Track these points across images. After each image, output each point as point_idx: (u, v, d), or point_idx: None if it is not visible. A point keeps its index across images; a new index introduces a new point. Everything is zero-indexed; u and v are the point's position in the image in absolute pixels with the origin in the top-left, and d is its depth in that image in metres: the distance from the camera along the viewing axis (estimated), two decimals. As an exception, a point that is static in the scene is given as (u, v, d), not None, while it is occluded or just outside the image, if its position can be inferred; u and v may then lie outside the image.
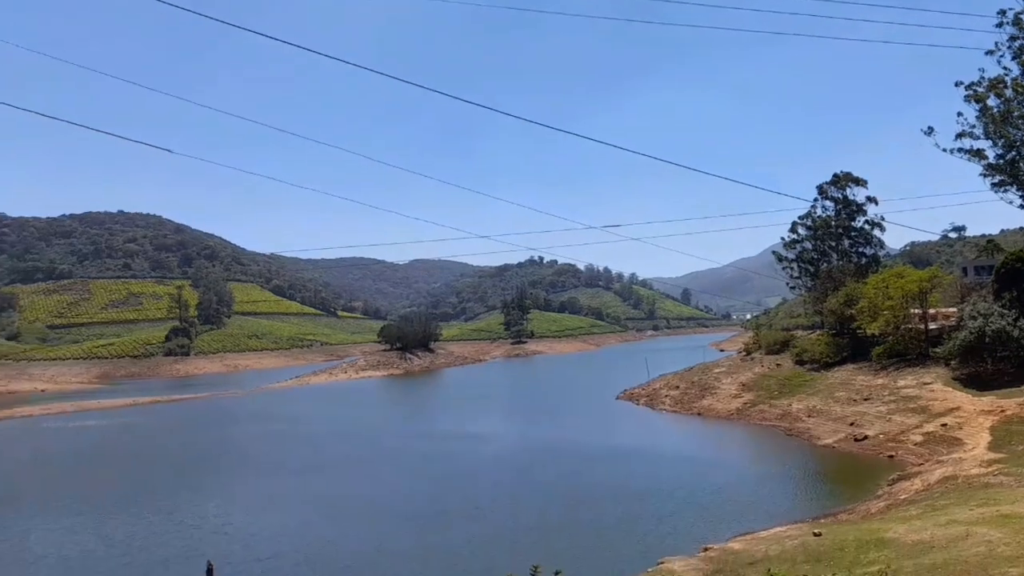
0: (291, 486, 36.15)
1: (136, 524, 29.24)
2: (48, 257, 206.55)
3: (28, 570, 24.29)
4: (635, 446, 42.36)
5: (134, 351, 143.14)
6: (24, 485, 38.63)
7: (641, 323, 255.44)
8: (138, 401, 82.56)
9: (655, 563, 20.17)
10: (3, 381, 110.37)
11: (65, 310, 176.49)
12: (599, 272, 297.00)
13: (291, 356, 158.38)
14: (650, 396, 61.87)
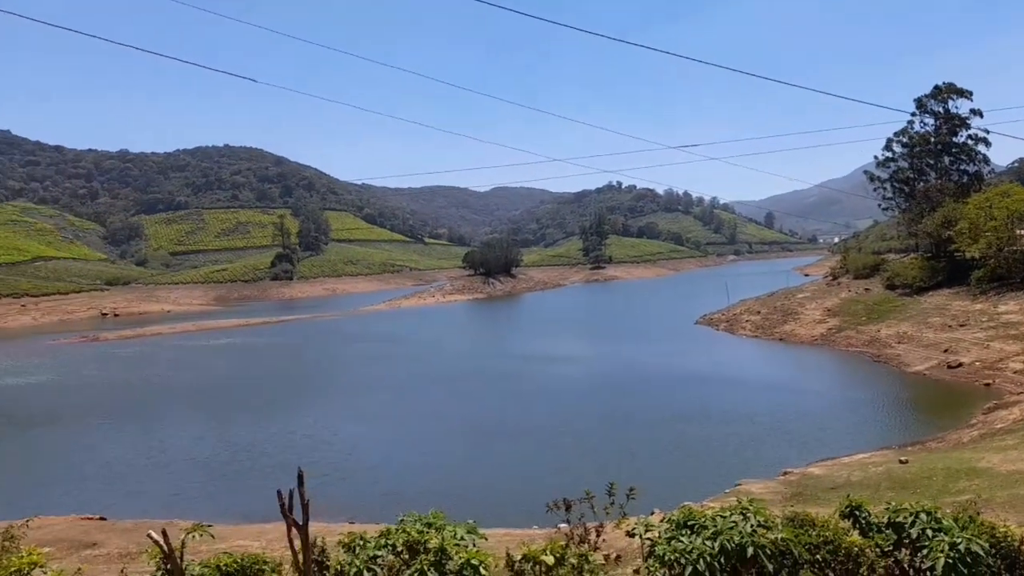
0: (390, 402, 37.30)
1: (255, 433, 30.90)
2: (167, 189, 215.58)
3: (164, 470, 26.09)
4: (714, 371, 41.81)
5: (244, 276, 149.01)
6: (157, 397, 41.15)
7: (722, 248, 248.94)
8: (250, 322, 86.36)
9: (733, 484, 20.03)
10: (136, 303, 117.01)
11: (184, 238, 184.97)
12: (678, 196, 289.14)
13: (383, 281, 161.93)
14: (730, 321, 60.75)
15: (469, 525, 7.95)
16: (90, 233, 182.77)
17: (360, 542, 7.84)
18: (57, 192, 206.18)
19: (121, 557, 16.20)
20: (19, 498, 22.63)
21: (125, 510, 21.41)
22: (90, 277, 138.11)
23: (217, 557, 8.48)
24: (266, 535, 17.41)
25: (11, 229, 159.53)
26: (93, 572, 13.44)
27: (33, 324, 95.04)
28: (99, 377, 48.68)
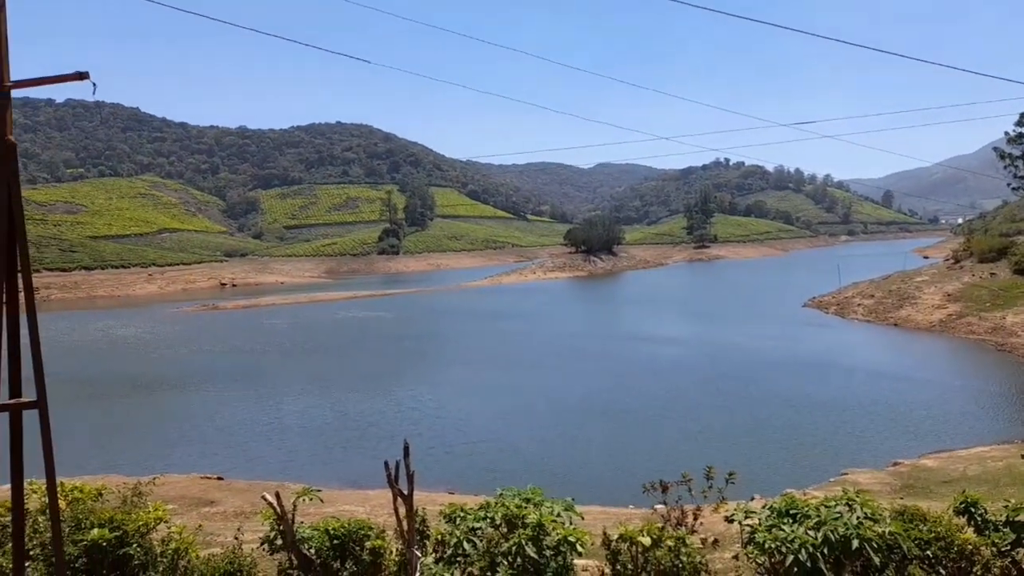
0: (494, 378, 37.81)
1: (365, 403, 32.11)
2: (282, 165, 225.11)
3: (277, 435, 27.52)
4: (822, 355, 40.26)
5: (353, 250, 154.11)
6: (272, 365, 43.30)
7: (834, 227, 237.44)
8: (357, 294, 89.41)
9: (838, 474, 19.34)
10: (251, 274, 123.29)
11: (297, 212, 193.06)
12: (789, 174, 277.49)
13: (485, 256, 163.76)
14: (841, 304, 58.19)
15: (566, 502, 8.05)
16: (211, 206, 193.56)
17: (460, 514, 8.08)
18: (182, 167, 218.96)
19: (236, 516, 17.06)
20: (146, 457, 24.40)
21: (241, 471, 22.70)
22: (210, 249, 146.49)
23: (325, 520, 8.94)
24: (370, 501, 18.05)
25: (140, 202, 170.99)
26: (211, 529, 14.32)
27: (159, 292, 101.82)
28: (218, 344, 51.71)
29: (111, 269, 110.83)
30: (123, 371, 41.34)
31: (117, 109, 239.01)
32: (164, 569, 8.28)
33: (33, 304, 5.70)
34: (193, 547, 8.76)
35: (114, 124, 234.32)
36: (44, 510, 7.98)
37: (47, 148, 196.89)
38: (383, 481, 21.44)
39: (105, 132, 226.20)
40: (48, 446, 5.66)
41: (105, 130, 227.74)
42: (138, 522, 8.33)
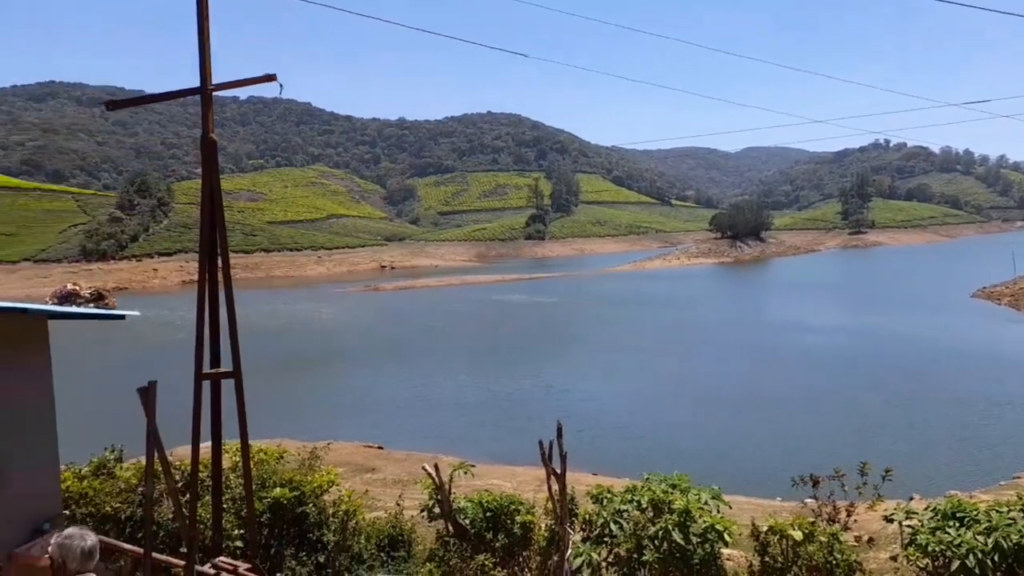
0: (641, 362, 37.31)
1: (514, 384, 32.74)
2: (437, 154, 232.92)
3: (432, 410, 28.66)
4: (992, 349, 36.65)
5: (501, 235, 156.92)
6: (428, 343, 45.06)
7: (1009, 212, 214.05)
8: (505, 278, 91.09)
9: (1010, 477, 17.58)
10: (408, 257, 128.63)
11: (450, 199, 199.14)
12: (957, 155, 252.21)
13: (629, 242, 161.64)
14: (1016, 295, 52.71)
15: (713, 490, 7.88)
16: (373, 194, 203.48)
17: (607, 495, 8.12)
18: (348, 157, 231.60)
19: (395, 483, 17.85)
20: (315, 425, 26.14)
21: (399, 442, 23.76)
22: (372, 233, 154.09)
23: (479, 493, 9.24)
24: (516, 477, 18.38)
25: (311, 190, 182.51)
26: (373, 494, 15.11)
27: (327, 273, 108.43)
28: (380, 322, 54.47)
29: (286, 252, 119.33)
30: (297, 345, 44.45)
31: (292, 105, 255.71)
32: (336, 528, 8.87)
33: (230, 283, 6.26)
34: (360, 510, 9.34)
35: (289, 119, 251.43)
36: (235, 468, 8.76)
37: (232, 142, 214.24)
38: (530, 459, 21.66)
39: (281, 126, 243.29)
40: (242, 412, 6.23)
41: (281, 124, 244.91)
42: (313, 484, 8.98)
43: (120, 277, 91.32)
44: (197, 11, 6.06)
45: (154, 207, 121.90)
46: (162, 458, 5.57)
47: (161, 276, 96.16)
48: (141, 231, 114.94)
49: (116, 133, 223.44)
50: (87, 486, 8.39)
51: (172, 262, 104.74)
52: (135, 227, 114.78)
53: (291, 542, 8.60)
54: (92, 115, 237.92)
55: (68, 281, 69.80)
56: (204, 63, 6.18)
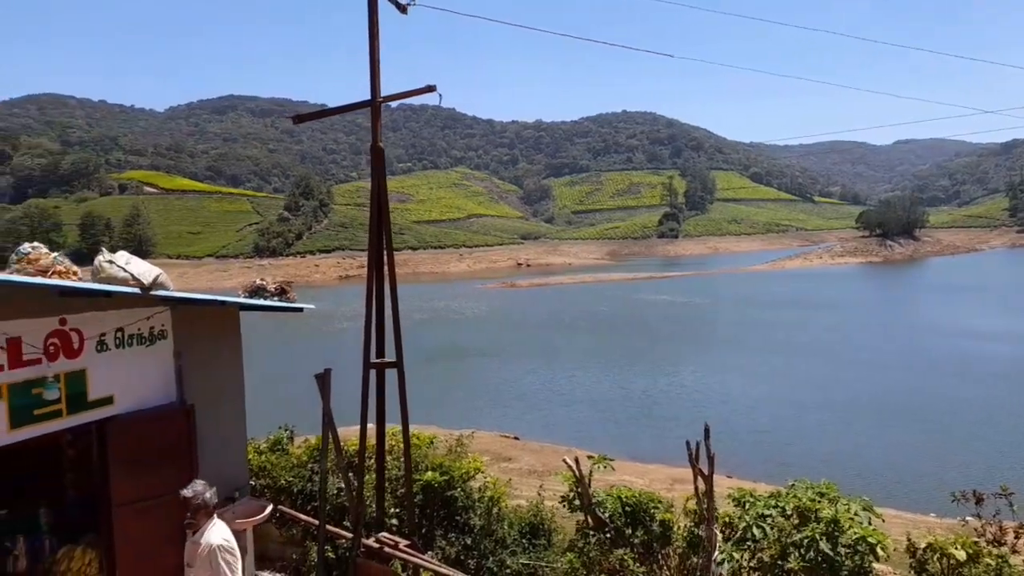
0: (782, 365, 35.52)
1: (645, 382, 32.23)
2: (571, 154, 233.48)
3: (566, 404, 28.73)
4: None
5: (634, 233, 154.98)
6: (563, 339, 45.23)
7: None
8: (637, 276, 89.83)
9: None
10: (543, 255, 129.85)
11: (584, 198, 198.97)
12: None
13: (767, 240, 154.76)
14: None
15: (864, 501, 7.43)
16: (510, 195, 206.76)
17: (750, 499, 7.83)
18: (487, 159, 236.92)
19: (530, 473, 18.07)
20: (455, 414, 26.89)
21: (534, 433, 24.04)
22: (509, 232, 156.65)
23: (617, 489, 9.19)
24: (648, 475, 18.12)
25: (453, 191, 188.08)
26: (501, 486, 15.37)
27: (467, 270, 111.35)
28: (516, 318, 55.31)
29: (431, 249, 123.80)
30: (439, 338, 45.97)
31: (437, 111, 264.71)
32: (481, 513, 9.13)
33: (395, 279, 6.63)
34: (504, 497, 9.56)
35: (435, 124, 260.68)
36: (390, 451, 9.21)
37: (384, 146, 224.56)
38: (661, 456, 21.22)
39: (428, 131, 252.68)
40: (404, 400, 6.57)
41: (428, 129, 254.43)
42: (462, 470, 9.29)
43: (286, 272, 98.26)
44: (368, 31, 6.44)
45: (316, 208, 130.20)
46: (335, 439, 5.98)
47: (321, 271, 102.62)
48: (305, 230, 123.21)
49: (284, 141, 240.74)
50: (265, 460, 9.13)
51: (331, 258, 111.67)
52: (300, 226, 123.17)
53: (440, 523, 8.93)
54: (264, 125, 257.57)
55: (244, 276, 76.08)
56: (374, 78, 6.55)
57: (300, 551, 8.59)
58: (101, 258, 5.39)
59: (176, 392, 6.10)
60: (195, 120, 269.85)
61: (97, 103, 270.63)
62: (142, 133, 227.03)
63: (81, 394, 5.43)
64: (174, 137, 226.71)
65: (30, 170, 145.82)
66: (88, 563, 5.61)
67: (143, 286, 5.33)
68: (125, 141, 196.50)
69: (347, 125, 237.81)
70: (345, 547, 7.96)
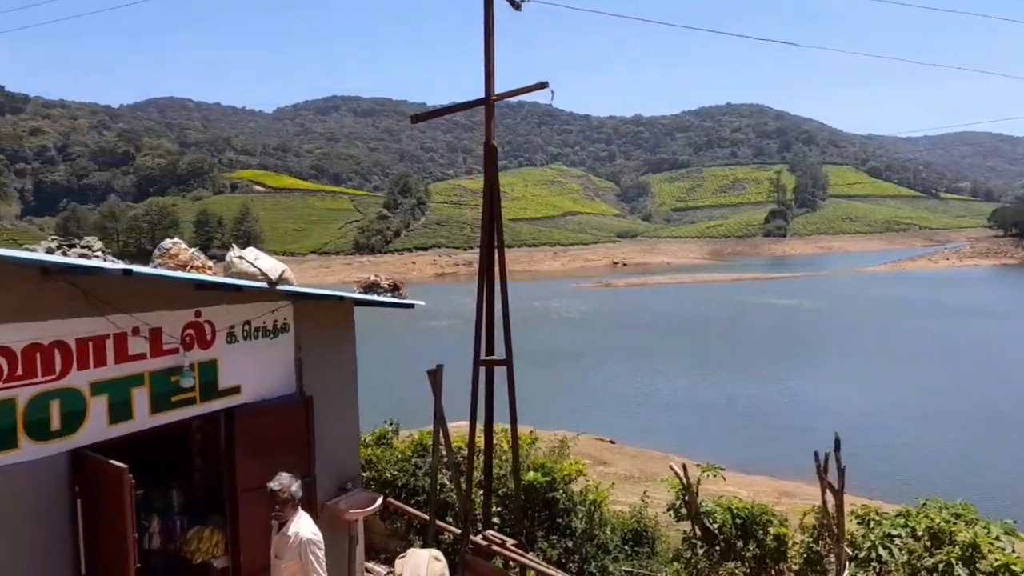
0: (908, 375, 33.34)
1: (750, 390, 31.17)
2: (671, 149, 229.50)
3: (664, 408, 28.28)
4: None
5: (738, 232, 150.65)
6: (662, 341, 44.50)
7: None
8: (741, 277, 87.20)
9: None
10: (640, 254, 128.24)
11: (684, 195, 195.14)
12: None
13: (884, 240, 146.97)
14: None
15: (1007, 524, 6.96)
16: (607, 192, 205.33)
17: (875, 517, 7.56)
18: (584, 155, 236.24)
19: (627, 479, 17.85)
20: (551, 414, 26.85)
21: (629, 437, 23.68)
22: (605, 230, 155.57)
23: (728, 500, 8.99)
24: (753, 486, 17.60)
25: (549, 188, 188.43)
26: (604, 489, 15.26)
27: (561, 269, 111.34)
28: (612, 318, 54.85)
29: (525, 248, 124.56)
30: (535, 337, 46.17)
31: (534, 107, 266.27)
32: (583, 516, 9.13)
33: (505, 277, 6.73)
34: (607, 502, 9.52)
35: (531, 120, 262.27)
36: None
37: (480, 144, 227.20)
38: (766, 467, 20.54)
39: (524, 127, 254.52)
40: (513, 399, 6.67)
41: (524, 126, 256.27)
42: (563, 471, 9.32)
43: (385, 269, 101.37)
44: (484, 29, 6.57)
45: (413, 206, 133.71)
46: (445, 435, 6.15)
47: (418, 268, 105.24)
48: (402, 228, 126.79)
49: (384, 140, 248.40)
50: (371, 453, 9.47)
51: (427, 256, 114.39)
52: (398, 224, 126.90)
53: (541, 525, 8.99)
54: (366, 124, 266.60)
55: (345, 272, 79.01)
56: (488, 77, 6.68)
57: (404, 544, 8.85)
58: (232, 254, 5.78)
59: (296, 384, 6.43)
60: (301, 120, 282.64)
61: (212, 105, 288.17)
62: (252, 134, 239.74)
63: (212, 383, 5.82)
64: (281, 137, 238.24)
65: (151, 170, 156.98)
66: (215, 544, 6.01)
67: (270, 281, 5.66)
68: (237, 141, 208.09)
69: (445, 123, 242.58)
70: (448, 543, 8.15)
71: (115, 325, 5.14)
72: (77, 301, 4.92)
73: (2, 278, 4.61)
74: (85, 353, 5.03)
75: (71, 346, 4.95)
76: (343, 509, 6.58)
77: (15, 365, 4.68)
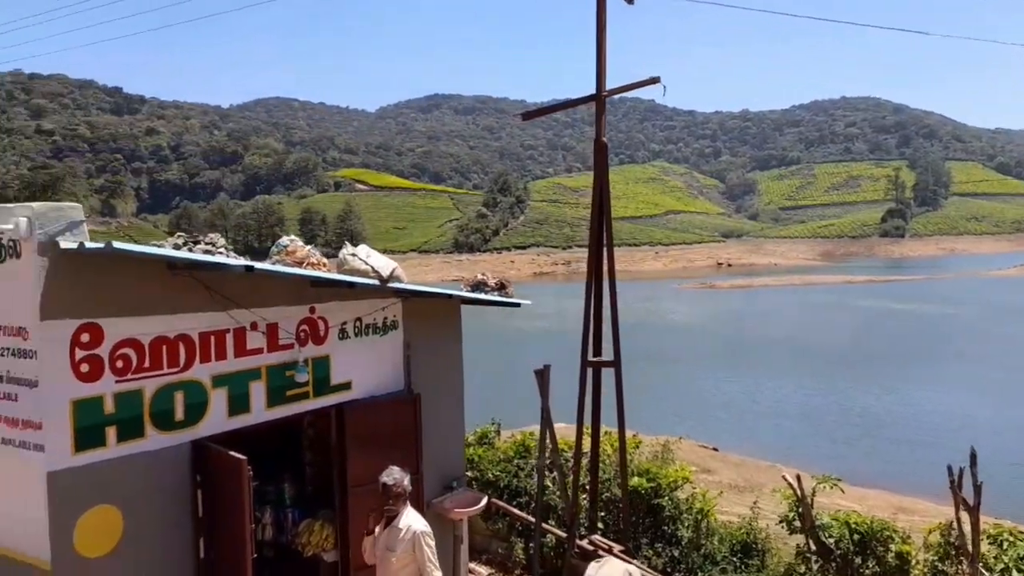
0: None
1: (867, 399, 29.58)
2: (780, 145, 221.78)
3: (770, 416, 27.21)
4: None
5: (851, 232, 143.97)
6: (768, 347, 42.92)
7: None
8: (855, 279, 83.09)
9: None
10: (746, 255, 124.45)
11: (793, 193, 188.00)
12: None
13: (1016, 241, 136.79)
14: None
15: None
16: (711, 189, 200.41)
17: (1009, 537, 7.11)
18: (687, 152, 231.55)
19: (731, 488, 17.26)
20: (651, 418, 26.34)
21: (733, 445, 22.87)
22: (709, 229, 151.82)
23: (846, 514, 8.53)
24: (866, 501, 16.74)
25: (650, 186, 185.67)
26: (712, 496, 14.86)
27: (662, 269, 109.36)
28: (716, 321, 53.40)
29: (624, 247, 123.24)
30: (637, 339, 45.46)
31: (636, 103, 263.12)
32: (689, 525, 8.85)
33: (614, 276, 6.59)
34: (714, 511, 9.20)
35: (633, 116, 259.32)
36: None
37: (580, 141, 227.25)
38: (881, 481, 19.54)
39: (626, 124, 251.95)
40: (621, 400, 6.52)
41: (626, 122, 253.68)
42: (669, 478, 9.06)
43: (482, 268, 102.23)
44: (596, 24, 6.45)
45: (512, 204, 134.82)
46: (552, 437, 6.06)
47: (516, 268, 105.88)
48: (501, 226, 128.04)
49: (484, 138, 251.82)
50: (473, 453, 9.51)
51: (526, 255, 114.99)
52: (496, 223, 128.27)
53: (646, 532, 8.78)
54: (466, 122, 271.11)
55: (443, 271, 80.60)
56: (600, 72, 6.55)
57: (506, 546, 8.84)
58: (345, 251, 5.91)
59: (404, 381, 6.52)
60: (403, 119, 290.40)
61: (317, 104, 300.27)
62: (355, 133, 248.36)
63: (325, 378, 5.97)
64: (383, 136, 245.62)
65: (258, 168, 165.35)
66: (325, 537, 6.16)
67: (382, 278, 5.74)
68: (340, 140, 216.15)
69: (544, 120, 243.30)
70: (551, 546, 8.08)
71: (235, 320, 5.32)
72: (200, 296, 5.12)
73: (132, 273, 4.83)
74: (207, 347, 5.23)
75: (194, 340, 5.16)
76: (448, 508, 6.61)
77: (143, 357, 4.89)
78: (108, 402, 4.71)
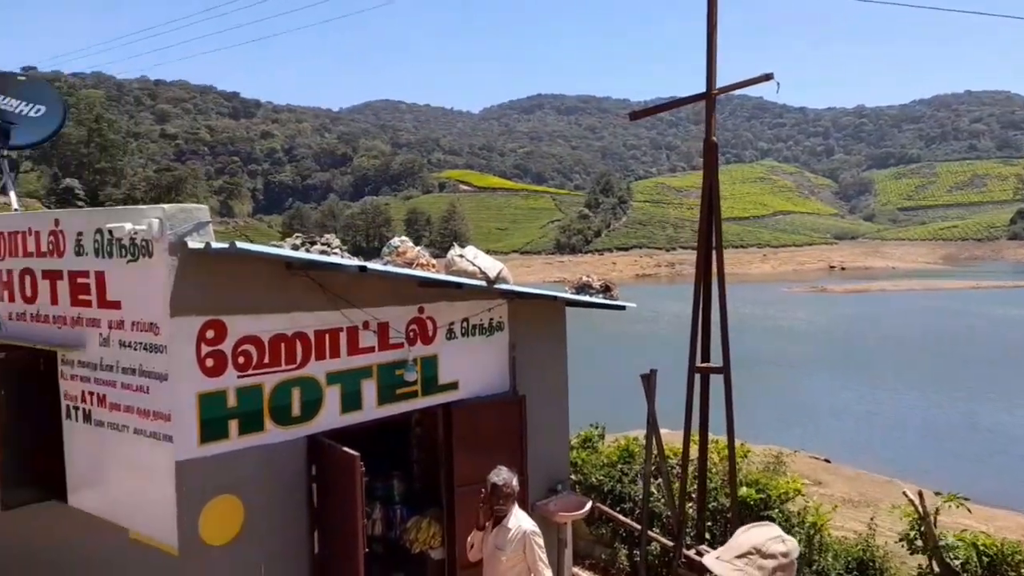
0: None
1: (1001, 415, 27.58)
2: (899, 143, 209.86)
3: (890, 431, 25.70)
4: None
5: (977, 234, 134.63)
6: (886, 355, 40.68)
7: None
8: (981, 284, 77.52)
9: None
10: (861, 257, 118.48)
11: (913, 193, 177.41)
12: None
13: None
14: None
15: None
16: (823, 189, 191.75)
17: None
18: (798, 151, 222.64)
19: (843, 502, 16.56)
20: (760, 427, 25.40)
21: (846, 457, 21.76)
22: (820, 231, 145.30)
23: (973, 535, 7.96)
24: (994, 522, 15.60)
25: (758, 186, 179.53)
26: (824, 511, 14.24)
27: (770, 272, 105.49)
28: (830, 326, 51.04)
29: (731, 249, 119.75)
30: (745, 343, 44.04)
31: (743, 100, 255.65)
32: (801, 539, 8.44)
33: (723, 280, 6.35)
34: (827, 526, 8.76)
35: (740, 114, 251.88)
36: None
37: (685, 140, 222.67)
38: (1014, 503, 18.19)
39: (732, 122, 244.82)
40: (730, 407, 6.28)
41: (732, 120, 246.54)
42: (779, 489, 8.66)
43: (584, 269, 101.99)
44: (707, 21, 6.25)
45: (615, 205, 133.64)
46: (659, 442, 5.90)
47: (618, 269, 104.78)
48: (603, 227, 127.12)
49: (587, 138, 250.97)
50: (576, 456, 9.41)
51: (628, 256, 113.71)
52: (598, 224, 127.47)
53: (754, 544, 8.43)
54: (568, 123, 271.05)
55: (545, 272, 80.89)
56: (711, 69, 6.35)
57: (609, 552, 8.70)
58: (453, 252, 5.96)
59: (509, 382, 6.51)
60: (506, 120, 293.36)
61: (423, 106, 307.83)
62: (459, 134, 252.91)
63: (433, 378, 6.04)
64: (487, 137, 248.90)
65: (366, 170, 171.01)
66: (432, 535, 6.22)
67: (488, 279, 5.75)
68: (445, 142, 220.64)
69: (648, 120, 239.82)
70: (655, 554, 7.89)
71: (348, 319, 5.45)
72: (316, 295, 5.26)
73: (253, 272, 5.00)
74: (322, 344, 5.37)
75: (310, 338, 5.30)
76: (553, 511, 6.55)
77: (263, 354, 5.06)
78: (231, 396, 4.90)
